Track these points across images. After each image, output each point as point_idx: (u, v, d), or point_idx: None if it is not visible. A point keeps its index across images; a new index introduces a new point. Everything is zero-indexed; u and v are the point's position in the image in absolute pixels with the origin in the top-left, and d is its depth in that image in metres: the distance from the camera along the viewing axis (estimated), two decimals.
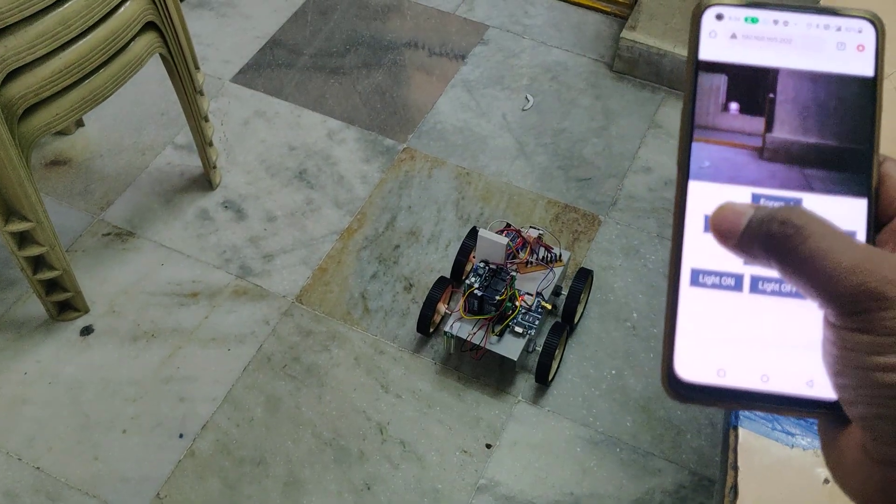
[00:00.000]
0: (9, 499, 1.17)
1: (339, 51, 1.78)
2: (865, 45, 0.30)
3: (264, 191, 1.53)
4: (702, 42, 0.30)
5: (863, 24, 0.30)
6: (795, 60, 0.30)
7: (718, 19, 0.30)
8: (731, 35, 0.30)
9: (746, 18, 0.30)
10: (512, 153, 1.60)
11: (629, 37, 1.71)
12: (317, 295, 1.39)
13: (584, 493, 1.20)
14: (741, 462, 0.52)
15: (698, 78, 0.30)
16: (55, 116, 1.11)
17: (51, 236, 1.19)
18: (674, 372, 0.28)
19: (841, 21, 0.30)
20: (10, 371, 1.29)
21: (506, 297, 1.23)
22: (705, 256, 0.29)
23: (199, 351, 1.32)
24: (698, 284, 0.29)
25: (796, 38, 0.30)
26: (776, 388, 0.28)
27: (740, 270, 0.29)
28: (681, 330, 0.29)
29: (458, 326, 1.25)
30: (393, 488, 1.19)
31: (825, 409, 0.28)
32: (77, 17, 1.07)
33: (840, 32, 0.30)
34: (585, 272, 1.33)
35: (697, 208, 0.29)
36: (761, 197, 0.29)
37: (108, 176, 1.55)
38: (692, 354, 0.28)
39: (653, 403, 1.28)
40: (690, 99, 0.30)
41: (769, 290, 0.29)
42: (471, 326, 1.25)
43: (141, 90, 1.67)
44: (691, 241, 0.29)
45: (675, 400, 0.28)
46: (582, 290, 1.31)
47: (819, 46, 0.30)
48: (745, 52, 0.30)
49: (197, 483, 1.19)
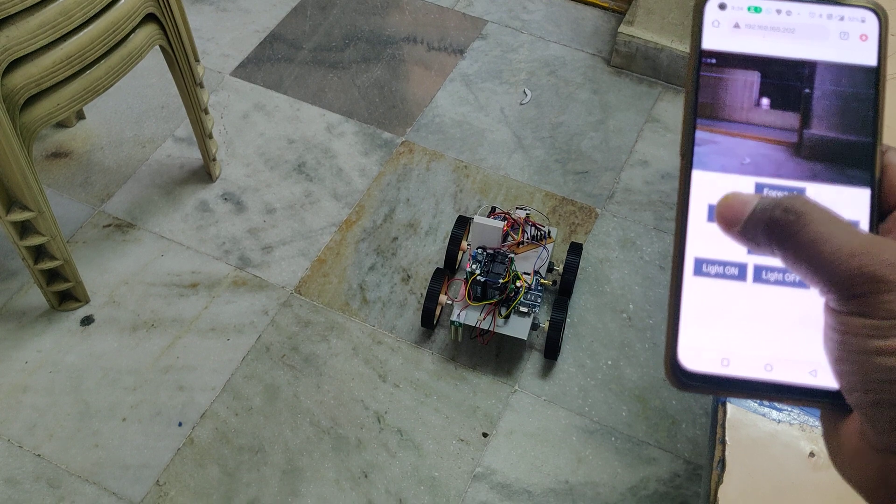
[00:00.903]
0: (10, 485, 1.18)
1: (339, 45, 1.79)
2: (868, 34, 0.30)
3: (263, 183, 1.54)
4: (705, 31, 0.30)
5: (866, 13, 0.30)
6: (798, 50, 0.30)
7: (721, 9, 0.30)
8: (735, 24, 0.30)
9: (749, 8, 0.30)
10: (510, 146, 1.61)
11: (627, 32, 1.72)
12: (315, 286, 1.40)
13: (579, 481, 1.21)
14: (729, 436, 0.53)
15: (701, 67, 0.30)
16: (56, 107, 1.12)
17: (52, 226, 1.20)
18: (677, 361, 0.28)
19: (844, 10, 0.30)
20: (12, 360, 1.30)
21: (509, 280, 1.25)
22: (709, 246, 0.29)
23: (198, 341, 1.33)
24: (702, 274, 0.29)
25: (799, 28, 0.30)
26: (779, 377, 0.28)
27: (744, 260, 0.29)
28: (684, 319, 0.29)
29: (465, 314, 1.26)
30: (390, 476, 1.20)
31: (828, 398, 0.28)
32: (78, 7, 1.08)
33: (843, 22, 0.30)
34: (577, 246, 1.37)
35: (701, 198, 0.29)
36: (765, 186, 0.29)
37: (108, 168, 1.56)
38: (696, 343, 0.28)
39: (648, 393, 1.29)
40: (693, 88, 0.30)
41: (772, 280, 0.29)
42: (477, 313, 1.26)
43: (141, 83, 1.68)
44: (695, 230, 0.29)
45: (678, 389, 0.28)
46: (577, 263, 1.35)
47: (822, 36, 0.30)
48: (748, 42, 0.30)
49: (196, 471, 1.20)
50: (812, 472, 0.52)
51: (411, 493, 1.19)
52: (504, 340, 1.32)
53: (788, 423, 0.54)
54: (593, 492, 1.20)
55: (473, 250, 1.29)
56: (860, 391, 0.25)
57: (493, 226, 1.27)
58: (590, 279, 1.42)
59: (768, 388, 0.28)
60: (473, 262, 1.27)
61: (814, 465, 0.52)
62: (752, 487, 0.52)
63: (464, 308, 1.27)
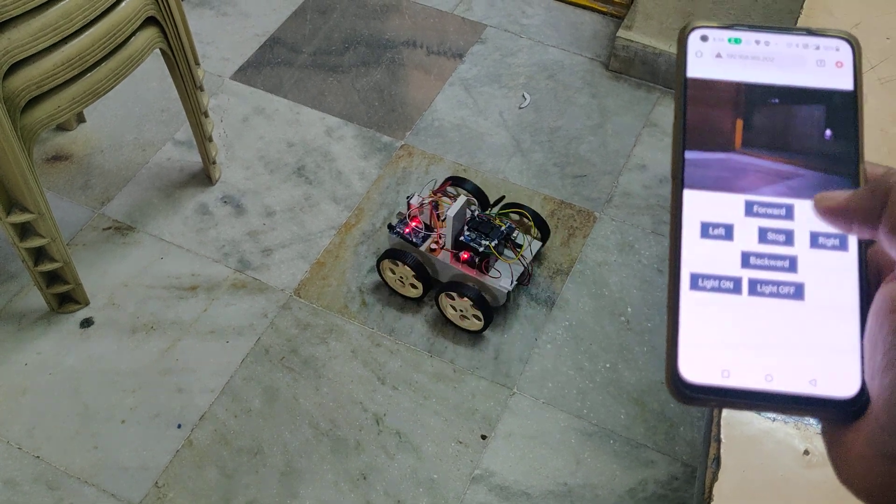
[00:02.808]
0: (9, 487, 1.18)
1: (338, 49, 1.80)
2: (844, 61, 0.31)
3: (263, 186, 1.55)
4: (689, 61, 0.32)
5: (839, 42, 0.32)
6: (779, 76, 0.31)
7: (703, 40, 0.32)
8: (717, 55, 0.32)
9: (730, 39, 0.32)
10: (508, 150, 1.62)
11: (625, 36, 1.72)
12: (315, 288, 1.41)
13: (577, 483, 1.21)
14: (724, 434, 0.53)
15: (687, 93, 0.32)
16: (57, 109, 1.13)
17: (52, 228, 1.21)
18: (678, 374, 0.29)
19: (819, 40, 0.32)
20: (11, 362, 1.31)
21: (497, 221, 1.33)
22: (703, 261, 0.30)
23: (197, 343, 1.34)
24: (698, 288, 0.30)
25: (778, 57, 0.32)
26: (780, 387, 0.28)
27: (738, 274, 0.30)
28: (683, 333, 0.29)
29: (507, 280, 1.30)
30: (389, 478, 1.21)
31: (829, 407, 0.28)
32: (79, 10, 1.08)
33: (819, 51, 0.32)
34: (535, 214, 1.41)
35: (693, 216, 0.30)
36: (754, 203, 0.30)
37: (108, 171, 1.56)
38: (696, 356, 0.29)
39: (646, 396, 1.30)
40: (681, 114, 0.31)
41: (767, 293, 0.29)
42: (508, 270, 1.31)
43: (141, 87, 1.69)
44: (689, 246, 0.30)
45: (681, 402, 0.29)
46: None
47: (800, 63, 0.31)
48: (730, 70, 0.32)
49: (195, 472, 1.20)
50: (806, 470, 0.52)
51: (410, 495, 1.19)
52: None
53: (783, 422, 0.54)
54: (592, 494, 1.20)
55: (465, 235, 1.31)
56: None
57: (460, 208, 1.31)
58: (588, 282, 1.42)
59: (769, 399, 0.28)
60: (472, 244, 1.31)
61: (808, 463, 0.52)
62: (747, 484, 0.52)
63: (499, 278, 1.31)
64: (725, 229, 0.30)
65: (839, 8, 0.82)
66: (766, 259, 0.30)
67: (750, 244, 0.30)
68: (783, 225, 0.30)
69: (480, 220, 1.33)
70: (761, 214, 0.30)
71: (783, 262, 0.30)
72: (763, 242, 0.30)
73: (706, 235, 0.30)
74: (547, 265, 1.45)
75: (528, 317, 1.38)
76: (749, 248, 0.30)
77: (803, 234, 0.30)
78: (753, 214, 0.30)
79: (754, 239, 0.30)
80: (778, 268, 0.30)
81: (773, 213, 0.30)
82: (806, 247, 0.30)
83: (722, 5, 1.62)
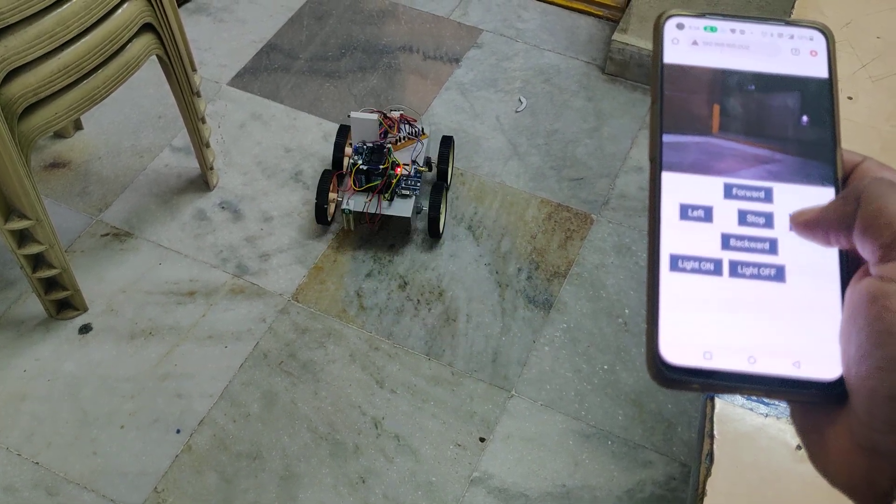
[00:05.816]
0: (8, 493, 1.18)
1: (335, 55, 1.80)
2: (818, 50, 0.32)
3: (260, 192, 1.55)
4: (665, 48, 0.32)
5: (813, 32, 0.32)
6: (755, 63, 0.32)
7: (679, 28, 0.33)
8: (693, 42, 0.32)
9: (705, 27, 0.32)
10: (505, 154, 1.62)
11: (620, 39, 1.73)
12: (313, 293, 1.41)
13: (576, 485, 1.21)
14: (717, 430, 0.54)
15: (664, 79, 0.32)
16: (54, 116, 1.13)
17: (50, 235, 1.21)
18: (659, 355, 0.28)
19: (793, 30, 0.32)
20: (10, 368, 1.31)
21: (388, 165, 1.40)
22: (683, 243, 0.30)
23: (196, 348, 1.34)
24: (678, 269, 0.30)
25: (753, 45, 0.32)
26: (763, 369, 0.28)
27: (718, 256, 0.30)
28: (664, 314, 0.29)
29: (353, 202, 1.40)
30: (388, 482, 1.21)
31: (813, 390, 0.28)
32: (75, 17, 1.09)
33: (793, 40, 0.32)
34: (448, 138, 1.51)
35: (671, 197, 0.31)
36: (733, 186, 0.30)
37: (106, 178, 1.57)
38: (676, 338, 0.28)
39: (644, 398, 1.30)
40: (659, 99, 0.32)
41: (748, 275, 0.29)
42: (364, 198, 1.40)
43: (138, 94, 1.69)
44: (668, 228, 0.30)
45: (661, 385, 0.28)
46: (449, 154, 1.49)
47: (775, 52, 0.32)
48: (706, 56, 0.32)
49: (194, 477, 1.21)
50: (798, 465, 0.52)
51: (409, 499, 1.19)
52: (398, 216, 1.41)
53: (776, 417, 0.55)
54: (590, 495, 1.20)
55: (355, 144, 1.42)
56: (880, 380, 0.25)
57: (370, 118, 1.41)
58: (586, 284, 1.43)
59: (752, 381, 0.28)
60: (355, 154, 1.42)
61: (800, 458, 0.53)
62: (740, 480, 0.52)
63: (351, 196, 1.40)
64: (705, 211, 0.30)
65: (830, 7, 0.83)
66: (746, 241, 0.30)
67: (730, 226, 0.30)
68: (763, 207, 0.30)
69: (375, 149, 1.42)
70: (741, 197, 0.30)
71: (763, 245, 0.30)
72: (743, 224, 0.30)
73: (685, 217, 0.30)
74: (544, 268, 1.45)
75: (525, 319, 1.38)
76: (729, 231, 0.30)
77: (783, 217, 0.30)
78: (733, 197, 0.30)
79: (734, 221, 0.30)
80: (758, 250, 0.30)
81: (752, 195, 0.30)
82: (786, 229, 0.30)
83: (715, 7, 1.63)
